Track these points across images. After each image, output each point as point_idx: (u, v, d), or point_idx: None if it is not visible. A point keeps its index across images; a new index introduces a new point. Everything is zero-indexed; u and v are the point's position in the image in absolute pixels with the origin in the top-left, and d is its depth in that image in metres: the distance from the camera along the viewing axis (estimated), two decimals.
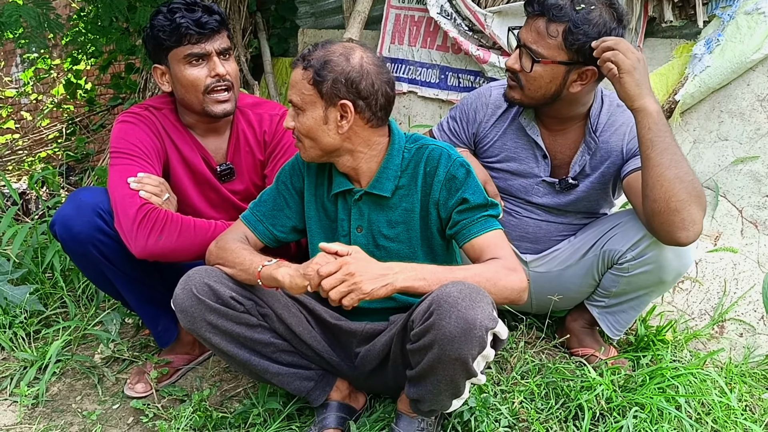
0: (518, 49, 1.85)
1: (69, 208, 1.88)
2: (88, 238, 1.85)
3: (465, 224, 1.61)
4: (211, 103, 1.91)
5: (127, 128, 1.95)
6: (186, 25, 1.84)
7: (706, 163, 2.60)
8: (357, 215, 1.69)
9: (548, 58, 1.78)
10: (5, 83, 6.86)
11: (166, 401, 1.99)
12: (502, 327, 1.46)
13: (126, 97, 4.91)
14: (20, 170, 5.17)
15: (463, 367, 1.43)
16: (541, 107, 1.92)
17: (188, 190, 2.02)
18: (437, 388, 1.51)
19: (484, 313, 1.39)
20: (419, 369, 1.49)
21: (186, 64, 1.89)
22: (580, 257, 2.02)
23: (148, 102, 2.05)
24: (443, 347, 1.40)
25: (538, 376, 1.98)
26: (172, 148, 1.99)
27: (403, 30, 3.32)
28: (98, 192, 1.93)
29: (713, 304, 2.38)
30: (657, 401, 1.78)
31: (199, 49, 1.87)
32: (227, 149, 2.05)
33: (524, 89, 1.86)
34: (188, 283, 1.59)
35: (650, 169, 1.69)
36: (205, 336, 1.61)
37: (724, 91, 2.59)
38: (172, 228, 1.79)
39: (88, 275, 2.05)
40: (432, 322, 1.40)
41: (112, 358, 2.23)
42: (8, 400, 2.04)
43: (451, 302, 1.38)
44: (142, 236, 1.77)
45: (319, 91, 1.54)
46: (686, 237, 1.71)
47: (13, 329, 2.30)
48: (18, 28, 2.81)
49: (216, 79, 1.90)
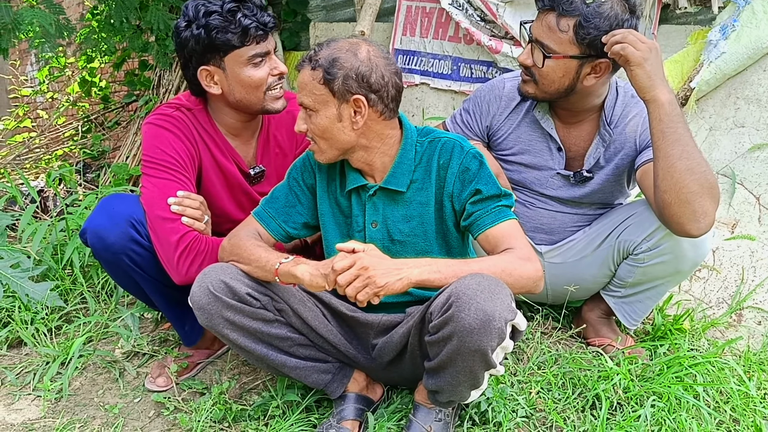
0: (530, 43, 1.84)
1: (102, 218, 1.86)
2: (121, 248, 1.85)
3: (479, 215, 1.61)
4: (271, 100, 1.88)
5: (160, 134, 1.89)
6: (254, 26, 1.79)
7: (723, 150, 2.58)
8: (372, 210, 1.70)
9: (560, 52, 1.78)
10: (21, 82, 6.92)
11: (186, 394, 2.02)
12: (521, 318, 1.47)
13: (140, 94, 4.95)
14: (37, 168, 5.22)
15: (483, 358, 1.44)
16: (555, 101, 1.91)
17: (219, 193, 2.01)
18: (456, 379, 1.52)
19: (503, 305, 1.39)
20: (438, 360, 1.50)
21: (248, 64, 1.83)
22: (596, 248, 2.01)
23: (179, 101, 1.98)
24: (462, 339, 1.41)
25: (555, 366, 1.98)
26: (206, 152, 1.96)
27: (415, 22, 3.31)
28: (131, 201, 1.92)
29: (731, 292, 2.36)
30: (675, 390, 1.78)
31: (262, 48, 1.83)
32: (256, 151, 2.04)
33: (538, 84, 1.86)
34: (204, 281, 1.60)
35: (661, 160, 1.68)
36: (222, 332, 1.63)
37: (740, 78, 2.56)
38: (214, 258, 1.78)
39: (117, 280, 2.03)
40: (451, 314, 1.41)
41: (132, 352, 2.26)
42: (32, 395, 2.08)
43: (470, 294, 1.39)
44: (184, 266, 1.78)
45: (331, 89, 1.55)
46: (697, 229, 1.70)
47: (35, 325, 2.33)
48: (34, 33, 2.86)
49: (277, 77, 1.88)
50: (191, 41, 1.81)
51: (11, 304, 2.40)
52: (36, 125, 6.53)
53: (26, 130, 6.32)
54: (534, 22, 1.84)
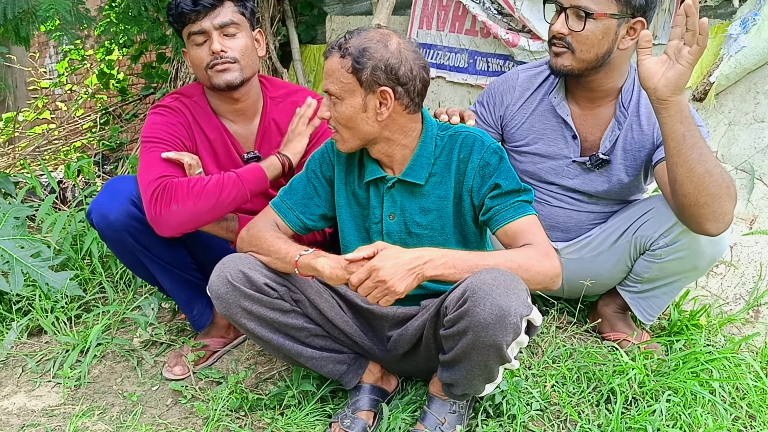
0: (562, 12, 1.80)
1: (104, 197, 1.93)
2: (123, 225, 1.90)
3: (498, 210, 1.61)
4: (213, 75, 1.92)
5: (158, 119, 1.99)
6: (182, 5, 1.87)
7: (742, 145, 2.56)
8: (389, 202, 1.70)
9: (600, 11, 1.75)
10: (40, 74, 6.99)
11: (203, 383, 2.04)
12: (537, 313, 1.47)
13: (158, 87, 4.97)
14: (56, 159, 5.28)
15: (497, 353, 1.44)
16: (588, 74, 1.86)
17: None
18: (471, 373, 1.52)
19: (518, 300, 1.40)
20: (453, 354, 1.51)
21: (192, 44, 1.92)
22: (612, 243, 2.00)
23: (180, 90, 2.08)
24: (477, 334, 1.41)
25: (570, 360, 1.98)
26: (201, 136, 2.02)
27: (432, 14, 3.31)
28: (131, 180, 1.98)
29: (748, 288, 2.35)
30: (690, 385, 1.77)
31: (196, 27, 1.88)
32: (256, 137, 2.07)
33: (575, 52, 1.80)
34: (223, 270, 1.61)
35: (680, 164, 1.64)
36: (240, 321, 1.64)
37: (761, 72, 2.53)
38: (183, 191, 1.80)
39: (125, 261, 2.10)
40: (466, 308, 1.42)
41: (150, 341, 2.28)
42: (52, 382, 2.11)
43: (485, 289, 1.39)
44: (159, 211, 1.79)
45: (359, 78, 1.55)
46: (716, 228, 1.69)
47: (55, 314, 2.37)
48: (54, 22, 2.88)
49: (213, 57, 1.90)
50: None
51: (32, 292, 2.44)
52: (55, 117, 6.60)
53: (45, 122, 6.38)
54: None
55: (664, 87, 1.59)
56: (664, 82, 1.59)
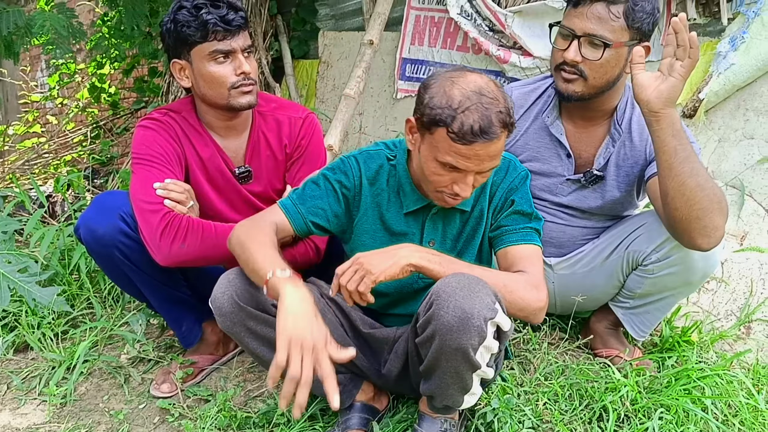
0: (574, 40, 1.80)
1: (93, 212, 1.91)
2: (111, 240, 1.88)
3: (506, 230, 1.62)
4: (237, 95, 1.91)
5: (148, 134, 1.96)
6: (213, 22, 1.83)
7: (732, 161, 2.57)
8: (431, 228, 1.67)
9: (616, 41, 1.77)
10: (31, 87, 6.97)
11: (191, 401, 2.01)
12: (504, 318, 1.43)
13: (149, 101, 4.98)
14: (46, 173, 5.25)
15: (464, 357, 1.42)
16: (593, 98, 1.87)
17: (208, 192, 2.03)
18: (444, 381, 1.51)
19: (482, 303, 1.37)
20: (426, 362, 1.50)
21: (211, 60, 1.88)
22: (605, 259, 2.00)
23: (168, 106, 2.06)
24: (443, 337, 1.40)
25: (562, 377, 1.97)
26: (192, 151, 2.01)
27: (424, 31, 3.33)
28: (121, 196, 1.96)
29: (739, 305, 2.35)
30: (683, 403, 1.76)
31: (224, 45, 1.87)
32: (246, 151, 2.06)
33: (588, 79, 1.82)
34: (229, 288, 1.55)
35: (672, 178, 1.65)
36: (243, 340, 1.60)
37: (750, 89, 2.56)
38: (195, 234, 1.80)
39: (112, 277, 2.07)
40: (432, 312, 1.41)
41: (137, 358, 2.26)
42: (37, 400, 2.08)
43: (449, 292, 1.38)
44: (165, 245, 1.79)
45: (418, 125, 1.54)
46: (708, 243, 1.69)
47: (42, 330, 2.34)
48: (47, 35, 2.88)
49: (242, 77, 1.90)
50: (166, 35, 1.92)
51: (18, 308, 2.41)
52: (45, 130, 6.57)
53: (36, 136, 6.36)
54: (574, 19, 1.80)
55: (657, 99, 1.61)
56: (657, 94, 1.61)
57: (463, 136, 1.41)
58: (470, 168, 1.46)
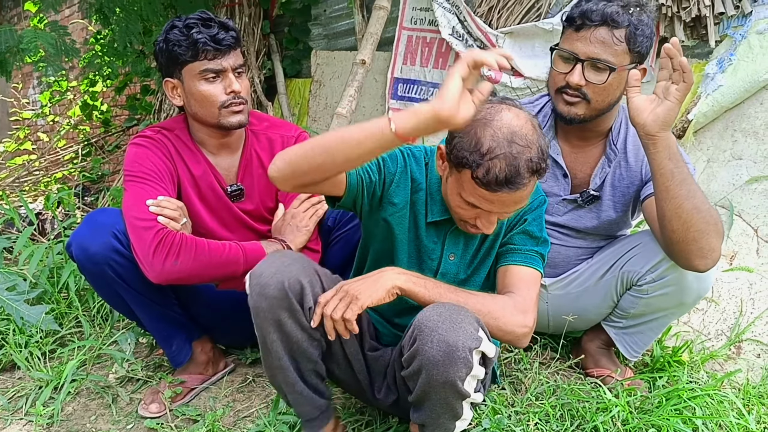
0: (577, 64, 1.81)
1: (85, 230, 1.90)
2: (103, 258, 1.87)
3: (511, 248, 1.62)
4: (227, 114, 1.92)
5: (140, 152, 1.96)
6: (204, 41, 1.85)
7: (721, 182, 2.59)
8: (452, 242, 1.66)
9: (619, 65, 1.78)
10: (23, 105, 6.96)
11: (179, 421, 1.99)
12: (488, 345, 1.43)
13: (141, 119, 4.98)
14: (36, 191, 5.23)
15: (453, 389, 1.41)
16: (593, 120, 1.89)
17: (200, 211, 2.03)
18: (435, 412, 1.49)
19: (465, 334, 1.36)
20: (415, 394, 1.48)
21: (201, 79, 1.90)
22: (599, 278, 2.01)
23: (161, 124, 2.06)
24: (429, 372, 1.38)
25: (553, 397, 1.96)
26: (184, 169, 2.01)
27: (416, 51, 3.35)
28: (114, 213, 1.95)
29: (730, 325, 2.35)
30: (674, 423, 1.76)
31: (215, 65, 1.89)
32: (238, 169, 2.07)
33: (591, 102, 1.83)
34: (283, 272, 1.48)
35: (669, 201, 1.66)
36: (265, 329, 1.52)
37: (738, 110, 2.59)
38: (188, 251, 1.80)
39: (103, 295, 2.06)
40: (416, 347, 1.39)
41: (126, 377, 2.23)
42: (24, 420, 2.05)
43: (431, 326, 1.37)
44: (158, 261, 1.78)
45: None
46: (704, 265, 1.70)
47: (29, 348, 2.31)
48: (37, 54, 2.88)
49: (232, 96, 1.91)
50: (158, 54, 1.94)
51: (6, 327, 2.38)
52: (36, 148, 6.56)
53: (26, 153, 6.34)
54: (575, 42, 1.80)
55: (653, 122, 1.62)
56: (653, 117, 1.62)
57: (488, 184, 1.38)
58: (494, 210, 1.45)
